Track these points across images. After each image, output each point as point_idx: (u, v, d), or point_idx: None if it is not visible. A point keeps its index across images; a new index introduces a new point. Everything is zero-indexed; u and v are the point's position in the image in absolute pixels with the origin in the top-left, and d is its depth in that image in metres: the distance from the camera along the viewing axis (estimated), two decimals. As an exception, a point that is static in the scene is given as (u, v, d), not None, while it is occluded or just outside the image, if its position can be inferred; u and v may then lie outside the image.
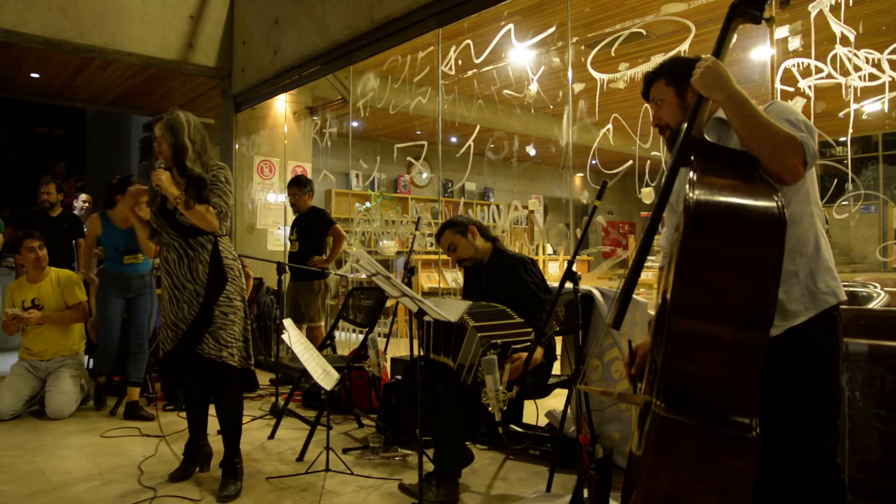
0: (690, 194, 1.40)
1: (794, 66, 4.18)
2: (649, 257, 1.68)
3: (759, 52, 4.77)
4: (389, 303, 4.31)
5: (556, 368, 3.73)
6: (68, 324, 4.41)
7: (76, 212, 6.83)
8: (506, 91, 6.08)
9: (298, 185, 5.20)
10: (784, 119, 1.57)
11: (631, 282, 1.57)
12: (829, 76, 4.21)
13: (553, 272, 8.00)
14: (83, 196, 6.99)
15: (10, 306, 4.28)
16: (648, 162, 4.54)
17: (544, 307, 2.85)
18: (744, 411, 1.34)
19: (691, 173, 1.49)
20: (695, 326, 1.36)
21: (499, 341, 2.57)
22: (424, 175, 10.89)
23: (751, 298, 1.34)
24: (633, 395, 1.73)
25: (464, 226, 3.14)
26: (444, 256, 7.59)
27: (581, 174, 11.21)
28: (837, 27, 3.84)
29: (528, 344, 2.67)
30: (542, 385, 2.97)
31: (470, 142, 5.58)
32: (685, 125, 1.61)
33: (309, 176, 7.28)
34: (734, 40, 1.64)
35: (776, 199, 1.39)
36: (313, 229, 5.13)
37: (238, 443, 2.91)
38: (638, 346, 1.86)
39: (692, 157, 1.55)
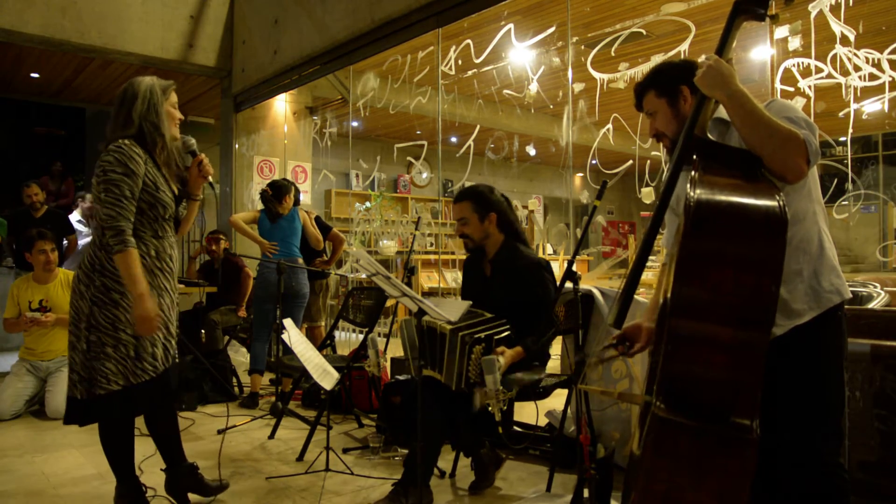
0: (691, 193, 1.39)
1: (794, 65, 4.18)
2: (650, 257, 1.68)
3: (759, 51, 4.78)
4: (389, 303, 4.31)
5: (557, 368, 3.74)
6: None
7: (81, 210, 6.84)
8: (506, 91, 6.08)
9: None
10: (784, 117, 1.56)
11: (632, 281, 1.56)
12: (829, 76, 4.21)
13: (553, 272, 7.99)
14: (90, 196, 6.99)
15: (15, 305, 4.28)
16: (648, 162, 4.54)
17: (548, 317, 2.79)
18: (744, 412, 1.33)
19: (693, 172, 1.48)
20: (695, 327, 1.35)
21: (481, 335, 2.54)
22: (424, 175, 10.89)
23: (751, 298, 1.33)
24: (634, 395, 1.73)
25: (487, 208, 2.88)
26: (444, 256, 7.60)
27: (581, 174, 11.21)
28: (837, 27, 3.84)
29: (507, 334, 2.63)
30: (535, 388, 2.93)
31: (470, 142, 5.58)
32: (686, 127, 1.60)
33: (309, 175, 7.29)
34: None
35: (777, 198, 1.39)
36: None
37: None
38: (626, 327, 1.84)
39: (694, 157, 1.55)
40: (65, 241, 6.11)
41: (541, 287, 2.80)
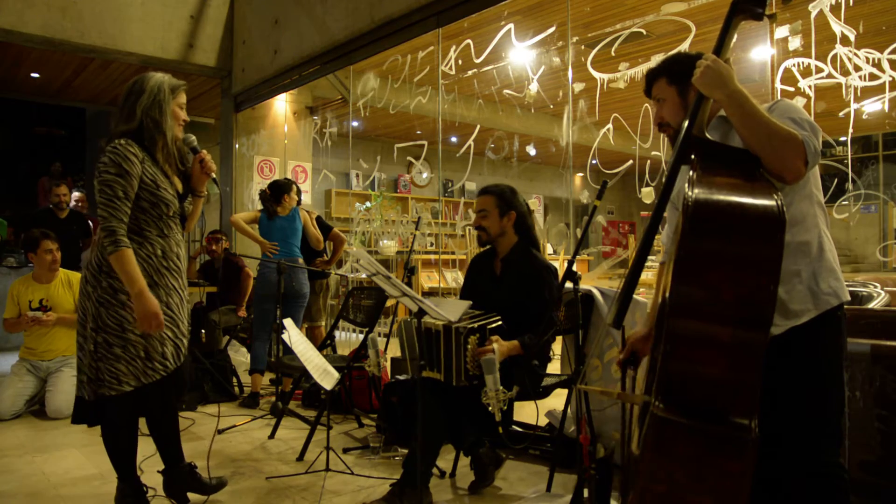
0: (690, 193, 1.39)
1: (794, 65, 4.18)
2: (649, 257, 1.68)
3: (759, 51, 4.78)
4: (389, 303, 4.31)
5: (557, 368, 3.74)
6: None
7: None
8: (506, 91, 6.08)
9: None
10: (787, 117, 1.56)
11: (631, 281, 1.56)
12: (830, 76, 4.21)
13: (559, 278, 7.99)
14: (76, 194, 6.99)
15: (15, 305, 4.28)
16: (648, 162, 4.54)
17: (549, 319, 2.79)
18: (743, 412, 1.33)
19: (691, 172, 1.48)
20: (693, 326, 1.35)
21: (474, 325, 2.57)
22: (424, 175, 10.89)
23: (750, 298, 1.33)
24: (633, 395, 1.73)
25: (509, 206, 2.94)
26: (444, 256, 7.60)
27: (581, 174, 11.21)
28: (837, 27, 3.84)
29: (500, 324, 2.67)
30: (536, 387, 2.94)
31: (470, 142, 5.59)
32: (685, 127, 1.60)
33: (309, 175, 7.29)
34: (735, 39, 1.64)
35: (776, 197, 1.39)
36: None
37: None
38: (630, 336, 1.88)
39: (693, 156, 1.55)
40: (80, 244, 6.12)
41: (547, 290, 2.83)
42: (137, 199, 2.35)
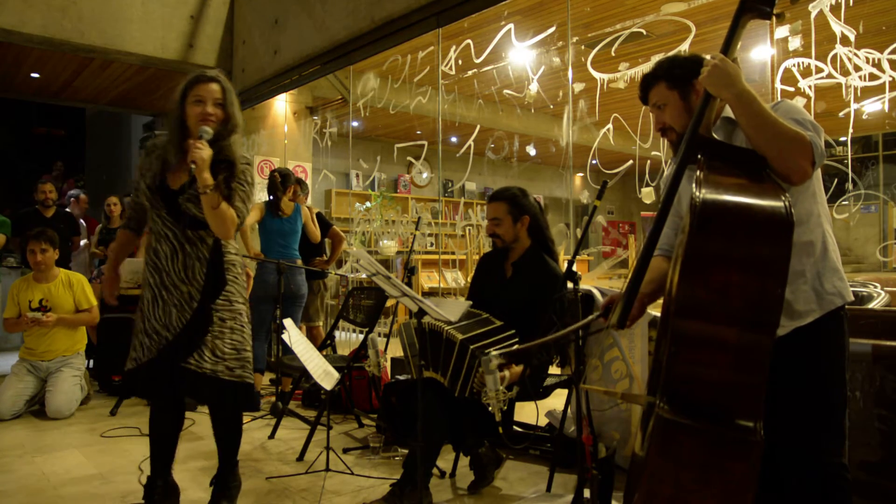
0: (697, 193, 1.38)
1: (794, 65, 4.19)
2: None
3: (759, 51, 4.78)
4: (389, 303, 4.31)
5: (556, 368, 3.74)
6: (80, 326, 4.43)
7: (68, 209, 6.84)
8: (506, 91, 6.08)
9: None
10: (791, 118, 1.55)
11: (635, 281, 1.56)
12: (830, 76, 4.21)
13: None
14: (82, 196, 6.98)
15: (15, 305, 4.28)
16: (648, 162, 4.54)
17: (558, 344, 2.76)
18: (748, 414, 1.33)
19: (698, 172, 1.47)
20: (699, 328, 1.35)
21: (491, 351, 2.55)
22: (424, 175, 10.88)
23: (757, 299, 1.32)
24: (637, 396, 1.73)
25: (521, 211, 2.90)
26: (444, 256, 7.60)
27: (581, 174, 11.21)
28: (837, 27, 3.84)
29: (516, 346, 2.64)
30: (536, 388, 2.93)
31: (470, 142, 5.58)
32: (691, 126, 1.59)
33: (309, 175, 7.28)
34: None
35: (784, 198, 1.38)
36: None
37: (236, 463, 2.58)
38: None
39: (699, 156, 1.54)
40: (69, 243, 6.11)
41: (558, 302, 2.80)
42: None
